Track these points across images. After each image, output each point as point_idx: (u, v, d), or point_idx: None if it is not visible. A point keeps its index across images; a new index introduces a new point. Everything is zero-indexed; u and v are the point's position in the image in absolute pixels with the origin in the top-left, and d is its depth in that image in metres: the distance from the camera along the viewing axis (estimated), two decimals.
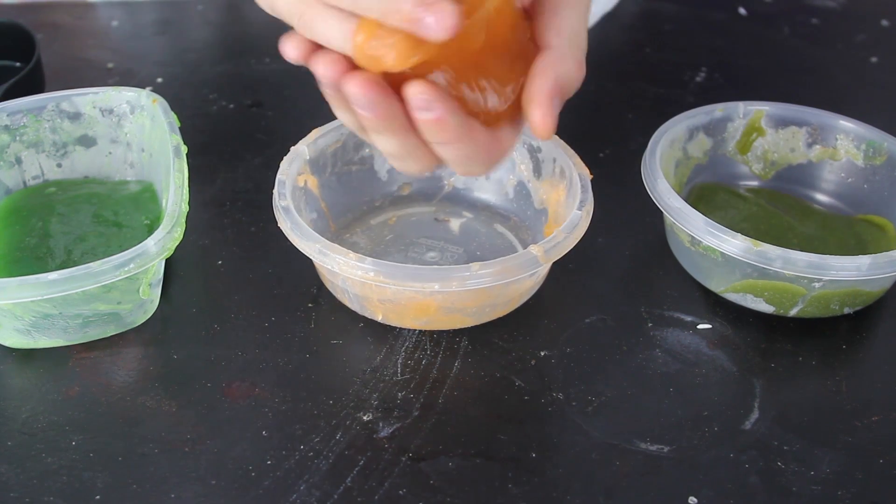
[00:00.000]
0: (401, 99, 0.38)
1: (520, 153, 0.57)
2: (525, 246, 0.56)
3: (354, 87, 0.37)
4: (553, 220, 0.55)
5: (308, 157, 0.54)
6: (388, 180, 0.59)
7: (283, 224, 0.49)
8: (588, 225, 0.50)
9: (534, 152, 0.56)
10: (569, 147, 0.55)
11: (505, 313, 0.52)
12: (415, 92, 0.37)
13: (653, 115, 0.61)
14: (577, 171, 0.52)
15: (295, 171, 0.53)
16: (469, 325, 0.51)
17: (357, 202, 0.59)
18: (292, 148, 0.54)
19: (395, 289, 0.47)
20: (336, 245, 0.47)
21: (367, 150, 0.58)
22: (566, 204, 0.53)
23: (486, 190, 0.59)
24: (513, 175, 0.58)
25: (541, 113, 0.40)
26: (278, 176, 0.52)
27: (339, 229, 0.57)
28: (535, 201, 0.57)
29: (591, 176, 0.52)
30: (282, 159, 0.53)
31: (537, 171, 0.57)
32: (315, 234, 0.48)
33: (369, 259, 0.46)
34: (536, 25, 0.42)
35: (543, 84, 0.40)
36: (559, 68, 0.40)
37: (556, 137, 0.55)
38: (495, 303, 0.50)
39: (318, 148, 0.55)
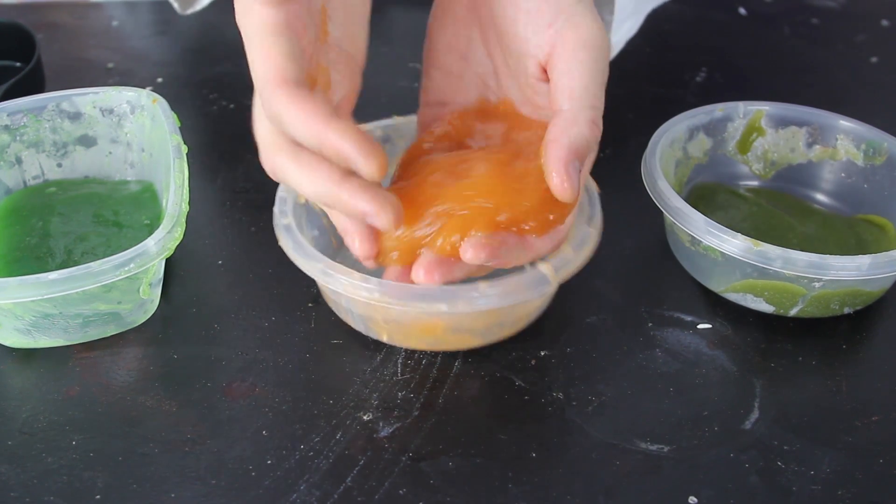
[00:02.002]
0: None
1: None
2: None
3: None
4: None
5: None
6: None
7: (285, 243, 0.48)
8: (598, 241, 0.48)
9: None
10: None
11: (513, 333, 0.51)
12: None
13: (653, 115, 0.61)
14: (584, 187, 0.50)
15: None
16: (476, 346, 0.50)
17: None
18: None
19: (400, 308, 0.45)
20: (340, 265, 0.46)
21: None
22: (575, 220, 0.50)
23: None
24: None
25: (559, 179, 0.42)
26: (279, 193, 0.50)
27: (340, 246, 0.55)
28: None
29: (599, 190, 0.51)
30: None
31: None
32: (318, 254, 0.47)
33: (374, 279, 0.45)
34: (550, 89, 0.44)
35: (558, 151, 0.42)
36: (571, 132, 0.42)
37: None
38: (503, 322, 0.49)
39: None
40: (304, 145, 0.39)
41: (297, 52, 0.39)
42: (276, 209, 0.50)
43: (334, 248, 0.55)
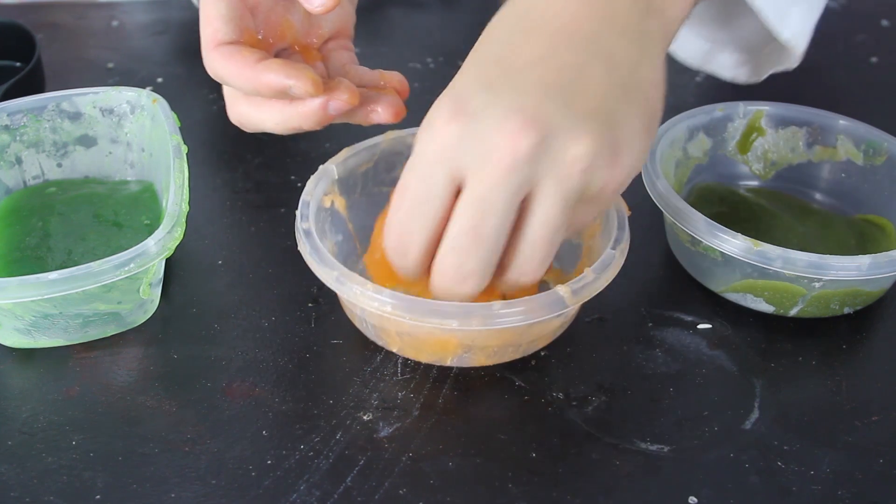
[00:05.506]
0: None
1: None
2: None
3: None
4: (587, 255, 0.52)
5: (336, 177, 0.52)
6: None
7: (303, 248, 0.47)
8: (622, 266, 0.47)
9: None
10: None
11: (528, 354, 0.50)
12: None
13: None
14: (613, 207, 0.49)
15: (321, 192, 0.50)
16: (489, 364, 0.49)
17: None
18: (320, 167, 0.52)
19: (412, 323, 0.44)
20: (354, 274, 0.45)
21: (399, 171, 0.55)
22: (601, 240, 0.50)
23: None
24: None
25: None
26: (303, 196, 0.50)
27: (365, 252, 0.53)
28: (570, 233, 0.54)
29: (629, 212, 0.49)
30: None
31: None
32: (333, 261, 0.46)
33: (387, 291, 0.44)
34: None
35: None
36: None
37: None
38: (519, 342, 0.48)
39: (348, 167, 0.52)
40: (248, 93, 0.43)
41: (232, 13, 0.41)
42: (297, 213, 0.49)
43: (358, 253, 0.54)
